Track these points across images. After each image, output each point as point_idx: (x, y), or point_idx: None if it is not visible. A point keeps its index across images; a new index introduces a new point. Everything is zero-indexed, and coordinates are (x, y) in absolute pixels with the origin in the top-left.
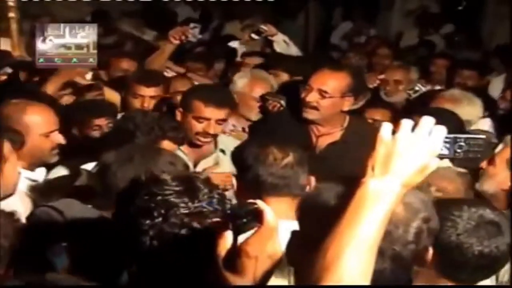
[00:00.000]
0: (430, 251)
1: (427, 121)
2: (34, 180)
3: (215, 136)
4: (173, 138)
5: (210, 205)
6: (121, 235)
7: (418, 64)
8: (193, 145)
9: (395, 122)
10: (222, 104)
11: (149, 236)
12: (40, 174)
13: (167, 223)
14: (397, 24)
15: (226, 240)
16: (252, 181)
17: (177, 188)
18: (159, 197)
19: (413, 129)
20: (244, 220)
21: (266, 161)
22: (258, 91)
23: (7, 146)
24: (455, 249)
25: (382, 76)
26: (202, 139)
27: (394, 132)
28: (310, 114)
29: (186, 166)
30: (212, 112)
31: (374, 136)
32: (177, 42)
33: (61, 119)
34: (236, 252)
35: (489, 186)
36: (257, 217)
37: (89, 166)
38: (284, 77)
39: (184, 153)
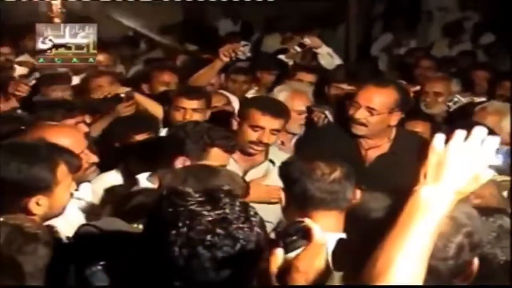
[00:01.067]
0: (475, 264)
1: (480, 131)
2: (80, 198)
3: (267, 146)
4: (223, 146)
5: (233, 211)
6: (152, 249)
7: (458, 75)
8: (244, 153)
9: (435, 133)
10: (279, 114)
11: (178, 246)
12: (85, 191)
13: (193, 231)
14: (436, 36)
15: (277, 257)
16: (300, 195)
17: (199, 199)
18: (182, 208)
19: (465, 139)
20: (294, 237)
21: (313, 175)
22: (299, 104)
23: (62, 169)
24: (480, 262)
25: (416, 88)
26: (256, 147)
27: (446, 142)
28: (359, 130)
29: (244, 188)
30: (268, 121)
31: (421, 146)
32: (227, 59)
33: (103, 136)
34: (287, 268)
35: None
36: (305, 234)
37: (143, 175)
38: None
39: (234, 160)
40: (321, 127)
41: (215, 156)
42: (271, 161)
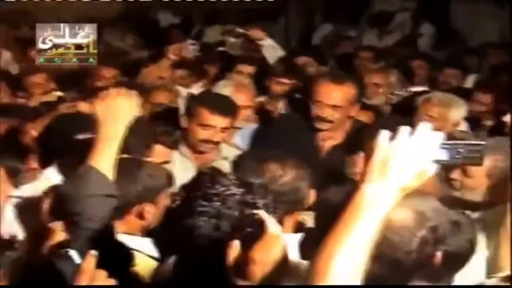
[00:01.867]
0: (438, 256)
1: (424, 126)
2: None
3: (218, 144)
4: (165, 142)
5: (264, 200)
6: (183, 216)
7: (398, 65)
8: (197, 151)
9: (379, 124)
10: (227, 112)
11: (207, 216)
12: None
13: (225, 206)
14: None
15: (234, 249)
16: None
17: (235, 181)
18: (219, 185)
19: (410, 135)
20: (249, 229)
21: (264, 177)
22: (243, 99)
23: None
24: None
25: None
26: (206, 146)
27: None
28: (324, 126)
29: (168, 175)
30: (218, 120)
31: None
32: (174, 58)
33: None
34: (244, 260)
35: (472, 197)
36: (260, 226)
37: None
38: None
39: (188, 158)
40: (276, 118)
41: (158, 153)
42: (225, 158)
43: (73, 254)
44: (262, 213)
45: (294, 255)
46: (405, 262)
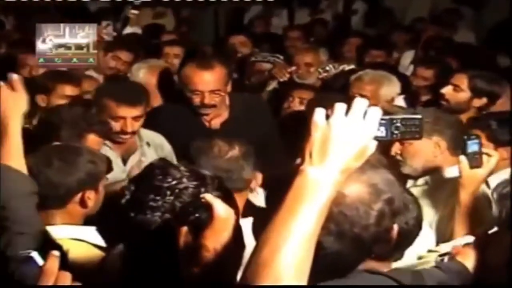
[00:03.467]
0: (395, 229)
1: (361, 103)
2: None
3: (134, 133)
4: (98, 132)
5: (217, 192)
6: (134, 212)
7: (327, 43)
8: (116, 142)
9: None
10: (135, 101)
11: (161, 211)
12: None
13: (178, 200)
14: None
15: (183, 236)
16: None
17: (187, 173)
18: (171, 178)
19: (346, 112)
20: (196, 215)
21: (210, 153)
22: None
23: None
24: None
25: (292, 69)
26: (122, 136)
27: (327, 116)
28: (209, 110)
29: (108, 161)
30: (126, 111)
31: (255, 102)
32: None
33: None
34: (195, 246)
35: (416, 163)
36: (207, 210)
37: None
38: None
39: (111, 148)
40: (156, 109)
41: (90, 142)
42: (147, 143)
43: (35, 255)
44: (208, 197)
45: (249, 239)
46: (364, 237)
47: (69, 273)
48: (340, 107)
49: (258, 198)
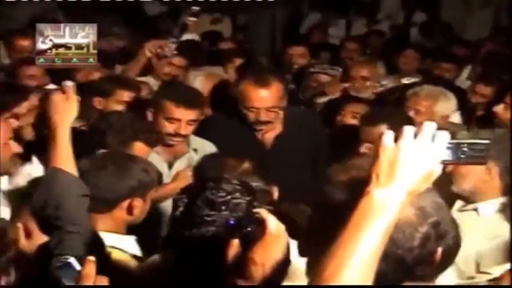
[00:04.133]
0: (439, 252)
1: (429, 126)
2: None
3: (186, 136)
4: (145, 140)
5: (268, 206)
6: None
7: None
8: (165, 144)
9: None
10: (193, 104)
11: (215, 225)
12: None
13: (232, 215)
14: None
15: (234, 248)
16: None
17: (238, 187)
18: (224, 193)
19: (415, 135)
20: (249, 229)
21: (225, 168)
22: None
23: None
24: None
25: (345, 85)
26: (174, 139)
27: (396, 139)
28: (264, 126)
29: (159, 173)
30: (183, 113)
31: (309, 117)
32: (150, 56)
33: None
34: (244, 259)
35: (466, 184)
36: (260, 225)
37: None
38: None
39: (157, 153)
40: (210, 118)
41: (137, 150)
42: (195, 150)
43: (73, 261)
44: (263, 212)
45: (295, 256)
46: (407, 259)
47: (106, 277)
48: (409, 130)
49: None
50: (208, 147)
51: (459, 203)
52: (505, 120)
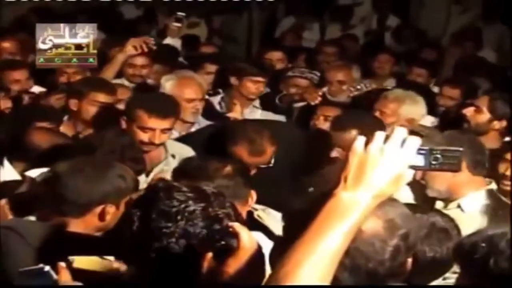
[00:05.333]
0: (409, 262)
1: (400, 132)
2: None
3: (160, 145)
4: (130, 168)
5: (224, 210)
6: (145, 239)
7: (358, 60)
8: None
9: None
10: (166, 113)
11: (175, 237)
12: None
13: (189, 224)
14: None
15: (208, 261)
16: None
17: (190, 194)
18: (178, 202)
19: (386, 140)
20: (222, 242)
21: (207, 171)
22: (188, 92)
23: None
24: None
25: (323, 90)
26: (148, 147)
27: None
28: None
29: (136, 180)
30: (157, 123)
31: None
32: (134, 52)
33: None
34: (218, 272)
35: (439, 185)
36: (233, 239)
37: (34, 172)
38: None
39: None
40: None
41: None
42: (172, 155)
43: (49, 269)
44: (236, 226)
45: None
46: (379, 272)
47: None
48: (379, 134)
49: (269, 218)
50: (186, 152)
51: (440, 204)
52: (473, 123)
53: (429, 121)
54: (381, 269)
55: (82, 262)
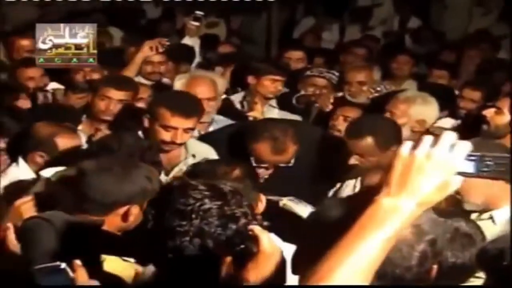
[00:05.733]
0: (434, 269)
1: (449, 136)
2: None
3: (182, 145)
4: None
5: (241, 209)
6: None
7: (379, 60)
8: (162, 151)
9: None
10: (190, 113)
11: (189, 236)
12: None
13: (204, 223)
14: None
15: (227, 265)
16: None
17: (206, 193)
18: (194, 200)
19: (433, 145)
20: (242, 246)
21: (217, 174)
22: (201, 91)
23: None
24: None
25: (337, 95)
26: (169, 146)
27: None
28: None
29: (160, 182)
30: (179, 122)
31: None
32: (151, 53)
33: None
34: (237, 276)
35: (474, 198)
36: (253, 243)
37: (48, 172)
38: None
39: None
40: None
41: None
42: (193, 155)
43: (65, 267)
44: (257, 230)
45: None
46: (406, 278)
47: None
48: (426, 139)
49: (297, 206)
50: (207, 152)
51: (473, 215)
52: (493, 125)
53: (449, 123)
54: (408, 275)
55: (111, 263)
